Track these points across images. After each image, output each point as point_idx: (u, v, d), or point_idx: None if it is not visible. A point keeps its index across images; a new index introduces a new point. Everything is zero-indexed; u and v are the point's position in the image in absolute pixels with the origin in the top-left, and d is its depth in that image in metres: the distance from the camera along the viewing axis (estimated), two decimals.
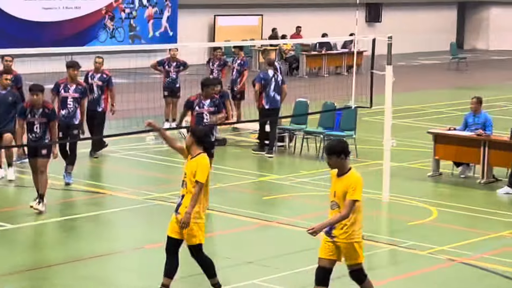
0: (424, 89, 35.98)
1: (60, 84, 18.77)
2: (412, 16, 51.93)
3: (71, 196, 18.48)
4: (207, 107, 17.48)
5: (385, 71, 18.20)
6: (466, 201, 18.78)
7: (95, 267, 14.33)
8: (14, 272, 13.73)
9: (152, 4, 42.04)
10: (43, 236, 16.17)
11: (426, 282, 13.92)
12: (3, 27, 36.86)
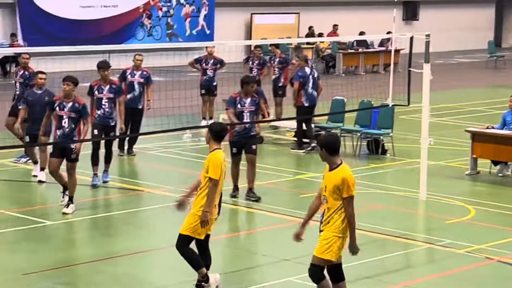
0: (462, 87, 35.87)
1: (94, 86, 18.76)
2: (449, 14, 51.78)
3: (108, 194, 18.54)
4: (248, 105, 17.51)
5: (422, 69, 18.14)
6: (504, 200, 18.70)
7: (129, 265, 14.40)
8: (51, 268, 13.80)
9: (189, 3, 42.14)
10: (79, 233, 16.28)
11: (463, 280, 13.87)
12: (41, 25, 37.09)
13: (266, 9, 44.88)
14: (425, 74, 18.10)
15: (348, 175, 11.37)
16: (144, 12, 40.74)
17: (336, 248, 11.30)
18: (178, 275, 13.11)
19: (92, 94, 18.67)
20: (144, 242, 15.56)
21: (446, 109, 29.28)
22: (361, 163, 21.95)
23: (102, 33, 38.53)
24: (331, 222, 11.35)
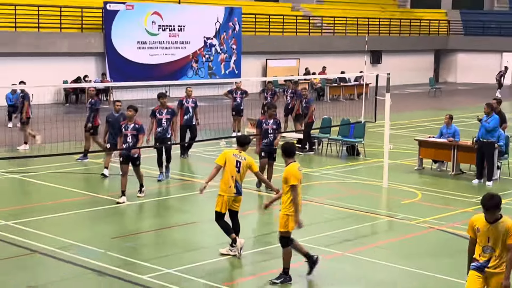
0: (411, 109, 35.80)
1: (155, 110, 18.46)
2: (403, 59, 51.67)
3: (169, 183, 18.56)
4: (271, 125, 17.47)
5: (384, 97, 18.15)
6: (441, 186, 18.69)
7: (184, 232, 14.44)
8: (129, 234, 13.88)
9: (223, 52, 42.15)
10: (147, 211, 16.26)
11: (414, 242, 13.91)
12: (122, 67, 37.16)
13: (276, 56, 44.87)
14: (386, 101, 18.09)
15: (291, 170, 11.32)
16: (193, 58, 40.79)
17: (289, 223, 11.19)
18: (217, 238, 13.14)
19: (154, 115, 18.41)
20: (194, 217, 15.60)
21: (401, 125, 29.21)
22: (343, 162, 21.95)
23: (164, 73, 38.60)
24: (283, 204, 11.32)
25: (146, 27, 38.54)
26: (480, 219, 8.52)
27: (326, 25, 49.12)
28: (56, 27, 35.91)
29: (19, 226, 14.17)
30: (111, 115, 18.62)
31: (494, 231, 8.39)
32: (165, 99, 18.61)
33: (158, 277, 11.43)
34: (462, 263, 12.44)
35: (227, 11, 42.27)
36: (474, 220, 8.64)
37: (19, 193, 17.47)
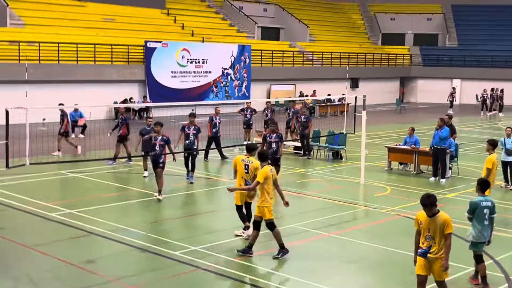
0: (382, 123, 35.70)
1: (185, 126, 18.20)
2: (375, 84, 51.59)
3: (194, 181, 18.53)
4: (274, 138, 16.94)
5: (361, 114, 18.12)
6: (405, 183, 18.61)
7: (206, 219, 14.41)
8: (165, 219, 13.86)
9: (237, 79, 42.15)
10: (177, 202, 16.19)
11: (385, 227, 13.84)
12: (160, 92, 37.21)
13: (277, 82, 44.87)
14: (363, 116, 18.04)
15: (263, 170, 11.26)
16: (213, 84, 40.80)
17: (267, 212, 11.22)
18: (232, 223, 13.13)
19: (183, 130, 18.10)
20: (214, 207, 15.60)
21: (374, 135, 29.15)
22: (329, 164, 21.89)
23: (191, 96, 38.66)
24: (259, 197, 11.34)
25: (177, 60, 38.59)
26: (422, 214, 8.62)
27: (316, 58, 49.15)
28: (108, 60, 36.01)
29: (79, 214, 14.19)
30: (144, 129, 18.60)
31: (432, 224, 8.48)
32: (194, 118, 18.29)
33: (187, 253, 11.42)
34: None
35: (240, 48, 42.31)
36: (418, 215, 8.73)
37: (79, 188, 17.50)
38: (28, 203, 15.08)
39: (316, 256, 11.56)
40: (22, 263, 10.83)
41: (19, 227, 13.21)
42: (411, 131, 20.45)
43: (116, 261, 11.16)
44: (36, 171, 18.76)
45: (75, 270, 10.53)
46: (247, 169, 12.15)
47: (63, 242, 12.11)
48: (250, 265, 10.97)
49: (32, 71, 31.24)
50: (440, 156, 18.75)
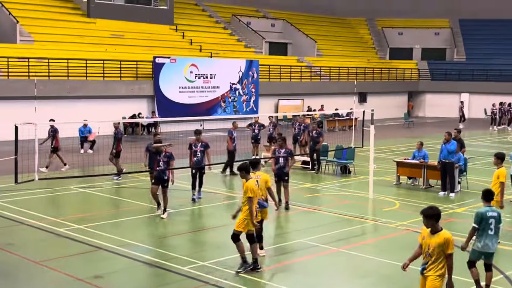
0: (391, 138, 35.64)
1: (191, 144, 17.59)
2: (383, 99, 51.59)
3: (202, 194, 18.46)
4: (282, 153, 16.67)
5: (369, 128, 18.11)
6: (414, 198, 18.52)
7: (213, 233, 14.37)
8: (171, 235, 13.84)
9: (245, 94, 42.23)
10: (185, 217, 16.19)
11: (394, 241, 13.76)
12: (169, 107, 37.32)
13: (285, 97, 44.96)
14: (371, 131, 18.05)
15: (249, 185, 11.15)
16: (221, 99, 40.91)
17: (246, 225, 11.17)
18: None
19: (190, 148, 17.50)
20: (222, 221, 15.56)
21: (382, 149, 29.10)
22: (337, 179, 21.86)
23: (199, 111, 38.75)
24: (243, 211, 11.25)
25: (185, 76, 38.73)
26: (427, 230, 8.52)
27: (324, 73, 49.22)
28: (117, 76, 36.20)
29: (87, 229, 14.21)
30: (150, 144, 18.04)
31: (434, 241, 8.34)
32: (199, 135, 17.74)
33: (195, 268, 11.40)
34: None
35: (248, 63, 42.43)
36: (423, 230, 8.64)
37: (88, 203, 17.54)
38: (37, 219, 15.11)
39: (325, 271, 11.51)
40: (31, 279, 10.84)
41: (28, 243, 13.23)
42: (420, 146, 20.39)
43: (124, 276, 11.15)
44: (45, 187, 18.81)
45: (84, 285, 10.53)
46: (257, 185, 11.82)
47: (71, 258, 12.12)
48: (260, 281, 10.93)
49: (42, 87, 31.43)
50: (448, 170, 18.68)
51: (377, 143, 21.00)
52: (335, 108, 39.71)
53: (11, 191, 18.02)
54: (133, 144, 28.11)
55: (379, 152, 27.44)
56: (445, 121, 49.12)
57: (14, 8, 37.43)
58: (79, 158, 24.63)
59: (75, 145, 27.15)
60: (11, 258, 11.98)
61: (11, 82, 31.62)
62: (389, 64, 56.86)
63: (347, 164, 22.59)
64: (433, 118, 52.87)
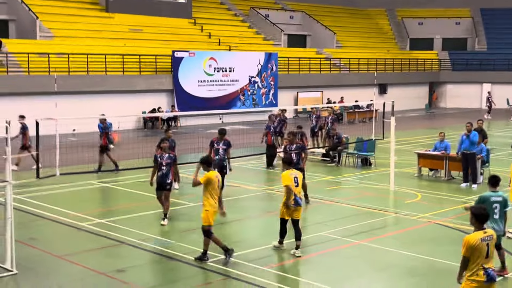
0: (412, 129, 35.44)
1: (213, 141, 16.59)
2: (404, 90, 51.27)
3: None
4: (294, 150, 15.98)
5: (390, 120, 18.02)
6: (436, 189, 18.44)
7: (234, 227, 14.39)
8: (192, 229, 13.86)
9: (264, 87, 42.18)
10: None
11: (416, 234, 13.69)
12: (187, 100, 37.44)
13: (304, 89, 44.88)
14: (391, 122, 17.96)
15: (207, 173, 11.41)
16: (241, 92, 40.92)
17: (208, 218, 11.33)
18: (259, 231, 13.09)
19: (212, 146, 16.42)
20: (240, 214, 15.55)
21: (403, 141, 28.92)
22: (358, 171, 21.79)
23: (218, 104, 38.77)
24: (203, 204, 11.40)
25: (204, 69, 38.79)
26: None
27: (343, 64, 49.01)
28: (136, 71, 36.35)
29: (109, 223, 14.32)
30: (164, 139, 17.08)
31: None
32: (224, 135, 16.55)
33: (217, 262, 11.43)
34: (454, 249, 12.31)
35: (267, 56, 42.37)
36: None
37: (109, 198, 17.67)
38: (59, 213, 15.25)
39: (346, 264, 11.49)
40: (54, 273, 10.95)
41: (51, 238, 13.37)
42: (442, 136, 20.26)
43: (146, 270, 11.22)
44: (66, 181, 18.97)
45: (106, 279, 10.62)
46: (296, 182, 11.86)
47: (94, 252, 12.22)
48: (280, 274, 10.95)
49: (62, 82, 31.68)
50: (470, 161, 18.53)
51: (397, 135, 20.88)
52: (355, 100, 39.55)
53: (33, 186, 18.20)
54: (153, 138, 28.21)
55: (400, 144, 27.27)
56: (467, 111, 48.70)
57: (34, 4, 37.71)
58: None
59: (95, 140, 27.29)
60: (33, 252, 12.11)
61: (32, 78, 31.91)
62: (409, 55, 56.45)
63: (368, 156, 22.50)
64: (454, 109, 52.46)
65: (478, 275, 7.58)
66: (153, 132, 34.19)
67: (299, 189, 11.91)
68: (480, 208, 7.90)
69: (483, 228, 7.75)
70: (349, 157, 23.30)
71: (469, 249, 7.61)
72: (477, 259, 7.59)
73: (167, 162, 14.29)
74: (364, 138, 23.50)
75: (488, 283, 7.58)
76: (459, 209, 15.79)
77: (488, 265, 7.64)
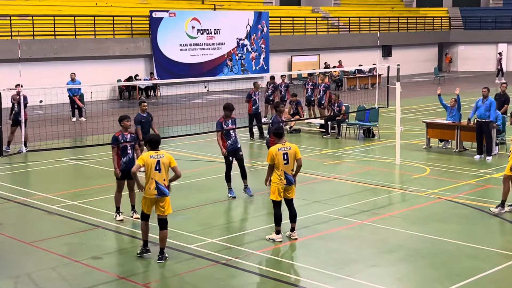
0: (419, 96, 35.53)
1: (221, 122, 14.76)
2: (410, 52, 51.33)
3: (208, 165, 18.47)
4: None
5: (395, 85, 18.03)
6: (446, 162, 18.54)
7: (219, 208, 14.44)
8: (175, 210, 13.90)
9: (254, 50, 42.06)
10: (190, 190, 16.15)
11: (424, 212, 13.77)
12: (167, 66, 37.39)
13: (299, 53, 44.78)
14: (397, 89, 17.98)
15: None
16: (228, 57, 40.78)
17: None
18: (249, 213, 13.13)
19: (221, 127, 14.70)
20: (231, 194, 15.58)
21: (410, 109, 29.01)
22: (360, 143, 21.85)
23: (203, 71, 38.73)
24: None
25: (186, 31, 38.60)
26: None
27: (342, 24, 48.86)
28: (109, 34, 36.11)
29: (83, 205, 14.33)
30: (140, 116, 16.43)
31: None
32: (230, 111, 14.93)
33: (202, 246, 11.49)
34: (466, 229, 12.46)
35: (256, 15, 42.17)
36: None
37: (82, 177, 17.65)
38: (27, 195, 15.25)
39: (348, 247, 11.56)
40: (23, 261, 10.98)
41: (19, 222, 13.38)
42: (454, 102, 20.34)
43: (125, 257, 11.25)
44: (34, 159, 18.92)
45: (81, 267, 10.65)
46: (286, 159, 11.55)
47: (66, 237, 12.24)
48: (276, 259, 11.02)
49: (26, 48, 31.42)
50: (485, 131, 18.60)
51: (404, 102, 20.93)
52: (359, 64, 39.51)
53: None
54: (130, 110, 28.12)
55: (406, 113, 27.35)
56: (481, 75, 48.80)
57: None
58: (70, 126, 24.70)
59: (65, 112, 27.23)
60: (0, 239, 12.12)
61: None
62: (417, 12, 56.32)
63: (371, 127, 22.55)
64: (467, 73, 52.54)
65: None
66: (130, 103, 34.05)
67: (290, 166, 11.62)
68: None
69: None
70: (350, 128, 23.34)
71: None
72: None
73: (132, 145, 13.19)
74: (366, 106, 23.52)
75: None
76: (472, 184, 15.91)
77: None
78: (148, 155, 10.74)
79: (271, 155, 11.58)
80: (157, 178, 10.66)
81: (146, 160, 10.68)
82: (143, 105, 16.63)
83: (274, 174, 11.65)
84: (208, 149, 20.44)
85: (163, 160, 10.75)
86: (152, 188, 10.68)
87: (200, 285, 9.81)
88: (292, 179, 11.67)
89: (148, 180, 10.69)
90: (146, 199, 10.84)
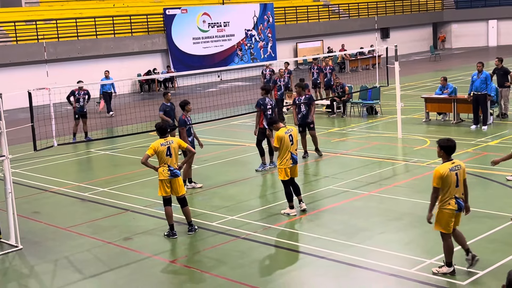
0: (417, 73, 35.32)
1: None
2: (407, 33, 50.96)
3: (226, 148, 18.51)
4: (303, 100, 16.03)
5: (394, 65, 17.93)
6: (445, 134, 18.40)
7: (238, 187, 14.48)
8: (193, 193, 13.94)
9: (261, 40, 41.93)
10: (211, 171, 16.22)
11: (426, 180, 13.63)
12: (182, 58, 37.38)
13: (304, 39, 44.57)
14: (395, 68, 17.89)
15: (153, 144, 10.94)
16: (238, 47, 40.69)
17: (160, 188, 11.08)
18: (265, 190, 13.17)
19: (260, 106, 15.14)
20: (246, 174, 15.61)
21: (409, 86, 28.84)
22: (364, 120, 21.79)
23: (216, 61, 38.70)
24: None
25: (198, 26, 38.53)
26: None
27: (342, 10, 48.54)
28: (127, 32, 36.09)
29: (113, 191, 14.41)
30: (164, 105, 16.94)
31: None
32: (266, 92, 15.41)
33: (224, 223, 11.54)
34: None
35: (262, 7, 41.98)
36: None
37: (110, 166, 17.74)
38: (60, 185, 15.35)
39: (357, 216, 11.55)
40: (61, 245, 11.06)
41: (54, 210, 13.47)
42: (444, 81, 20.24)
43: (153, 237, 11.30)
44: (65, 152, 19.02)
45: (113, 248, 10.73)
46: (292, 140, 11.63)
47: (99, 221, 12.33)
48: (291, 231, 11.04)
49: (52, 50, 31.50)
50: (481, 103, 18.49)
51: (403, 80, 20.79)
52: (360, 47, 39.30)
53: (31, 159, 18.27)
54: (151, 101, 28.19)
55: (405, 89, 27.21)
56: (473, 50, 48.39)
57: None
58: (97, 120, 24.77)
59: (91, 107, 27.28)
60: (38, 226, 12.23)
61: (20, 47, 31.72)
62: None
63: (373, 105, 22.48)
64: (460, 49, 52.13)
65: (450, 204, 8.40)
66: (150, 95, 34.14)
67: (294, 146, 11.69)
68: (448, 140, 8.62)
69: (451, 159, 8.61)
70: (354, 106, 23.26)
71: (439, 179, 8.41)
72: (448, 188, 8.32)
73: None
74: (368, 86, 23.43)
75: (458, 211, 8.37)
76: (470, 152, 15.83)
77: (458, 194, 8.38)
78: (159, 143, 10.90)
79: (279, 138, 11.60)
80: (169, 162, 10.86)
81: (157, 148, 10.85)
82: (168, 95, 17.11)
83: (281, 156, 11.64)
84: (225, 134, 20.47)
85: (173, 145, 10.94)
86: (165, 171, 10.85)
87: (223, 258, 9.86)
88: (296, 158, 11.74)
89: (161, 165, 10.87)
90: (161, 182, 10.92)
